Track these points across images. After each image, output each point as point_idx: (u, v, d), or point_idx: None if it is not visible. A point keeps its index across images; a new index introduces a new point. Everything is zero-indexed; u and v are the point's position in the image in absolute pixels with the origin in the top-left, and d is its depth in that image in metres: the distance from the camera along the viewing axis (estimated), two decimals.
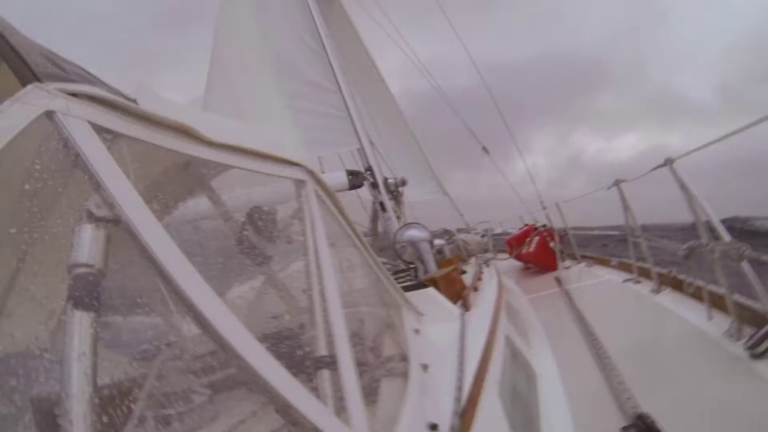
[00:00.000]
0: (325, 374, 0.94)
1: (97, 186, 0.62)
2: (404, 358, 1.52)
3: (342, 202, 1.50)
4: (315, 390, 0.89)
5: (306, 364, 0.97)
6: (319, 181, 1.29)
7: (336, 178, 4.35)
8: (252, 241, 1.13)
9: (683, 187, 2.59)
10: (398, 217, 4.10)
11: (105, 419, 0.57)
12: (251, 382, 0.75)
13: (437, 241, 4.59)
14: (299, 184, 1.19)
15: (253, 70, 4.88)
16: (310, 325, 1.03)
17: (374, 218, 4.56)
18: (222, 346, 0.69)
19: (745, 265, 2.17)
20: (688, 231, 2.85)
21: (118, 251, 0.66)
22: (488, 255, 5.98)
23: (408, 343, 1.64)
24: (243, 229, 1.14)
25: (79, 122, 0.62)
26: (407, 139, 7.55)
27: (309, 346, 1.00)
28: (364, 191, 4.56)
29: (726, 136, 2.35)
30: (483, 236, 5.65)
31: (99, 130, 0.66)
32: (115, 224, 0.64)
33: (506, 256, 9.01)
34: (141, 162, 0.78)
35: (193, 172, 1.00)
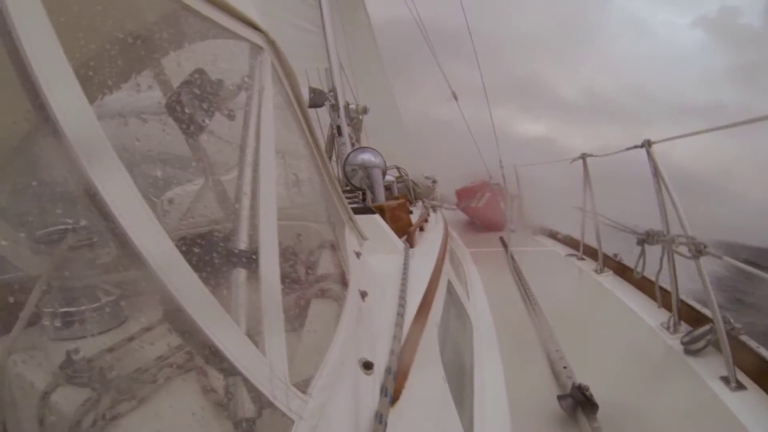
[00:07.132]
0: (240, 275, 0.74)
1: None
2: (342, 281, 1.32)
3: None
4: (224, 300, 0.70)
5: (216, 264, 0.76)
6: (279, 55, 1.04)
7: None
8: (185, 112, 0.90)
9: (657, 171, 2.52)
10: (353, 145, 4.01)
11: None
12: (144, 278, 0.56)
13: (388, 177, 4.55)
14: (255, 50, 0.96)
15: None
16: (232, 216, 0.82)
17: (329, 142, 4.45)
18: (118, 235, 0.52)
19: (702, 262, 2.13)
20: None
21: None
22: (435, 202, 6.05)
23: (349, 265, 1.42)
24: (177, 98, 0.89)
25: None
26: (377, 75, 7.30)
27: (225, 241, 0.79)
28: (324, 113, 4.41)
29: (705, 131, 2.32)
30: (434, 182, 5.67)
31: None
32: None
33: (453, 206, 9.16)
34: None
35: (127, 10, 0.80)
